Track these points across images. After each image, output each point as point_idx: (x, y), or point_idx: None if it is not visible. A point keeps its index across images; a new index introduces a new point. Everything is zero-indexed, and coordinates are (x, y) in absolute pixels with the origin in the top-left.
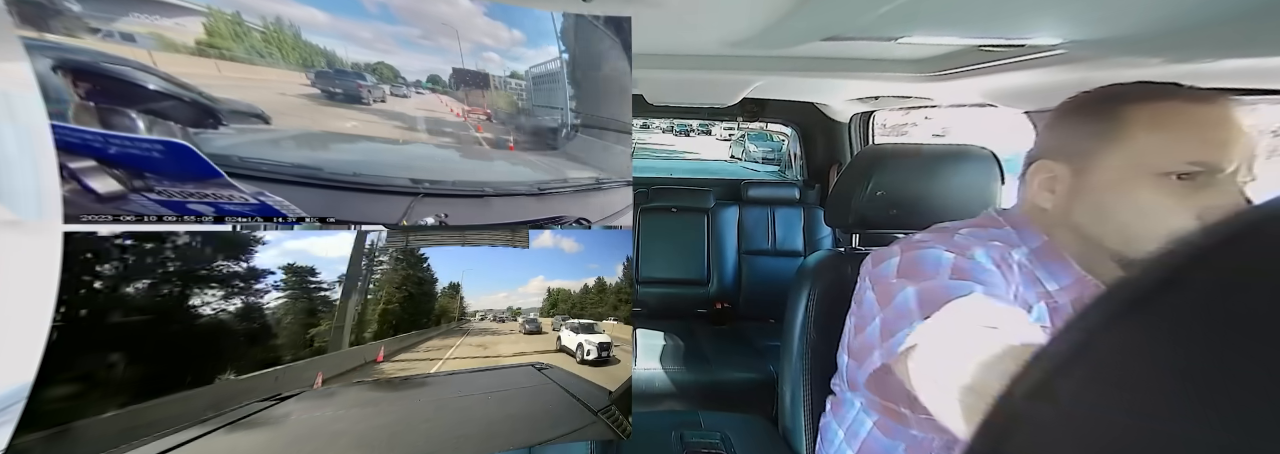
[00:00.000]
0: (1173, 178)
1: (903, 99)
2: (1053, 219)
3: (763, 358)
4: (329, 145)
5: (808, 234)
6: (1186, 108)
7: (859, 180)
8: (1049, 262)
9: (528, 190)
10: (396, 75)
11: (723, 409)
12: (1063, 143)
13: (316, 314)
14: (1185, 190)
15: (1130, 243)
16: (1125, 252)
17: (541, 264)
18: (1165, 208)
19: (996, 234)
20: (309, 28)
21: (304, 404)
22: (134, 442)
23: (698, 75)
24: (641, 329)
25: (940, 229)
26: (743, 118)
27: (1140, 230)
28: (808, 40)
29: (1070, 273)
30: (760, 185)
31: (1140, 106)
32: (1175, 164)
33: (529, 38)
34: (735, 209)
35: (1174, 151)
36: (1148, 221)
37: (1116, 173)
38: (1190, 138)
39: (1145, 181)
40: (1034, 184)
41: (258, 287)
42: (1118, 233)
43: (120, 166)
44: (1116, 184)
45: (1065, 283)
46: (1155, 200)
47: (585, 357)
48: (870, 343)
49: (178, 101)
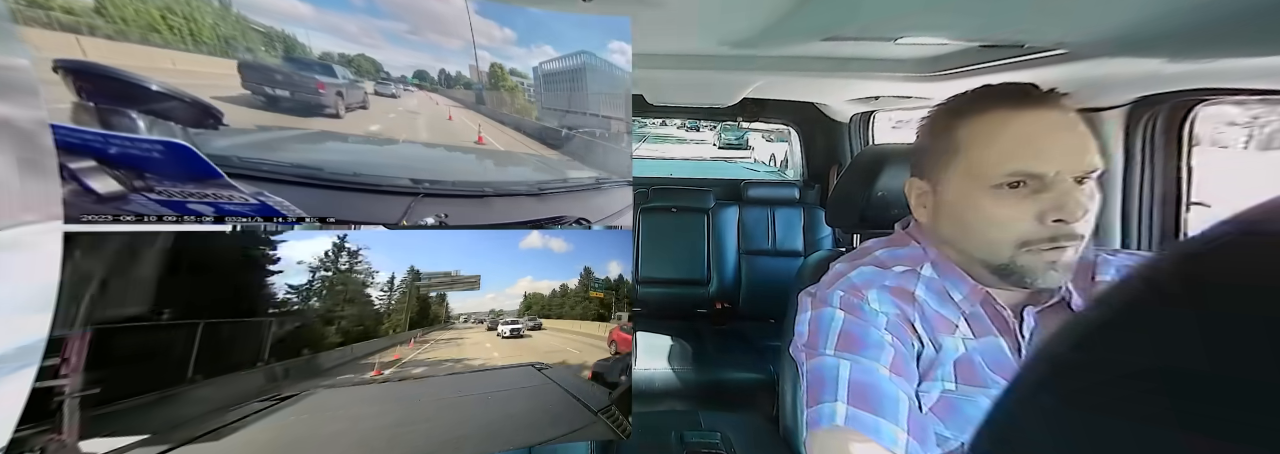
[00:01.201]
0: (1004, 187)
1: (903, 99)
2: (930, 233)
3: (763, 358)
4: (326, 144)
5: (808, 234)
6: (1004, 117)
7: (860, 180)
8: (947, 273)
9: (528, 190)
10: (378, 69)
11: (723, 409)
12: (922, 161)
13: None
14: (1018, 198)
15: (990, 251)
16: (989, 259)
17: (531, 265)
18: (1006, 216)
19: (904, 254)
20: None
21: (304, 404)
22: (134, 441)
23: (698, 75)
24: (642, 329)
25: (859, 254)
26: (743, 118)
27: (993, 238)
28: (808, 40)
29: (965, 281)
30: (760, 185)
31: (968, 122)
32: (1000, 175)
33: (521, 36)
34: (735, 209)
35: (997, 164)
36: (996, 230)
37: (959, 187)
38: (1007, 150)
39: (983, 193)
40: (912, 200)
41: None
42: (976, 242)
43: (120, 167)
44: (963, 198)
45: (964, 292)
46: (996, 210)
47: (502, 335)
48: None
49: (179, 102)
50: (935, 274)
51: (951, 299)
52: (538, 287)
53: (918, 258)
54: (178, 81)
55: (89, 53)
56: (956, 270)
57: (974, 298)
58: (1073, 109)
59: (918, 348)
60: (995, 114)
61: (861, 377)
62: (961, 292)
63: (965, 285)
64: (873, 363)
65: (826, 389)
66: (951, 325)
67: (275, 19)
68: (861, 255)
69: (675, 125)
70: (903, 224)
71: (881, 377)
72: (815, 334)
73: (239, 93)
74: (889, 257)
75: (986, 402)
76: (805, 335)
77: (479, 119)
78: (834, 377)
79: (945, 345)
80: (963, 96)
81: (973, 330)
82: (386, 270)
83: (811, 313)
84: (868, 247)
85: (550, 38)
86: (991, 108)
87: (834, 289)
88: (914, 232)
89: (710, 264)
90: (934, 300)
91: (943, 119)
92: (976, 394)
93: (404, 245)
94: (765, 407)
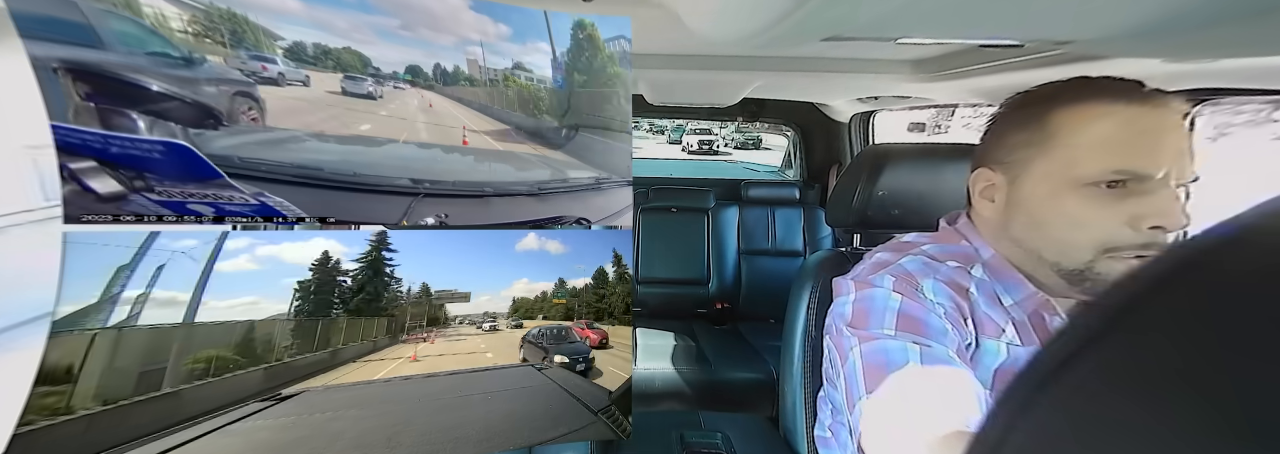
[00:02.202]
0: (1101, 186)
1: (903, 99)
2: (995, 229)
3: (763, 358)
4: (325, 144)
5: (808, 234)
6: (1112, 110)
7: (860, 180)
8: (1002, 276)
9: (528, 190)
10: (366, 65)
11: (723, 409)
12: (997, 150)
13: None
14: (1114, 198)
15: (1066, 253)
16: (1062, 262)
17: (526, 267)
18: (1096, 217)
19: (956, 250)
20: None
21: (304, 404)
22: (134, 441)
23: (698, 75)
24: (641, 329)
25: (903, 246)
26: (743, 118)
27: (1073, 241)
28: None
29: (1022, 287)
30: (760, 185)
31: (1065, 111)
32: (1101, 173)
33: (516, 32)
34: (735, 209)
35: (1098, 160)
36: (1080, 231)
37: (1045, 182)
38: (1114, 145)
39: (1073, 191)
40: (975, 193)
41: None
42: (1052, 243)
43: (120, 167)
44: (1046, 194)
45: (1019, 297)
46: (1084, 211)
47: (483, 328)
48: (846, 395)
49: (179, 102)
50: (986, 276)
51: (1001, 304)
52: (533, 288)
53: (969, 257)
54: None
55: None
56: (1014, 274)
57: (1027, 306)
58: (1183, 111)
59: (971, 346)
60: (1101, 106)
61: (935, 361)
62: (1015, 297)
63: (1022, 291)
64: (944, 349)
65: (896, 368)
66: (998, 329)
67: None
68: (906, 248)
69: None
70: (949, 220)
71: (956, 362)
72: (866, 315)
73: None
74: (939, 252)
75: None
76: (851, 316)
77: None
78: (903, 359)
79: (988, 349)
80: (1059, 84)
81: (1020, 338)
82: (399, 272)
83: (856, 293)
84: (912, 240)
85: (550, 37)
86: (1096, 98)
87: (883, 274)
88: (964, 229)
89: (710, 264)
90: (984, 301)
91: (1033, 106)
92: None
93: (403, 246)
94: (765, 407)
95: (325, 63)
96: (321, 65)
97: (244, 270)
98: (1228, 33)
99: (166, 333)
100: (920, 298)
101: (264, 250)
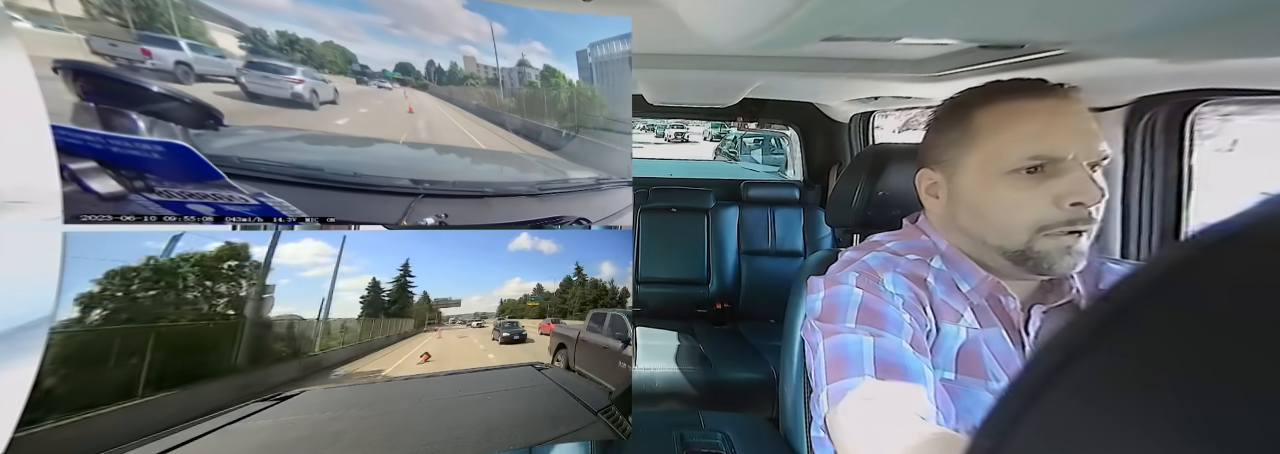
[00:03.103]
0: (1022, 172)
1: (902, 99)
2: (943, 222)
3: (763, 358)
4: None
5: (808, 234)
6: (1020, 106)
7: (860, 180)
8: (957, 265)
9: (528, 190)
10: (350, 62)
11: (723, 409)
12: (933, 150)
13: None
14: (1035, 181)
15: (1006, 236)
16: (1005, 244)
17: (518, 267)
18: (1023, 200)
19: (916, 245)
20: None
21: (304, 404)
22: (134, 441)
23: (698, 75)
24: (641, 329)
25: (870, 244)
26: (743, 118)
27: (1010, 223)
28: (808, 40)
29: (975, 273)
30: (760, 185)
31: (982, 111)
32: (1019, 160)
33: (511, 31)
34: (735, 209)
35: (1015, 149)
36: (1013, 215)
37: (977, 174)
38: (1025, 134)
39: (1001, 179)
40: (922, 192)
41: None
42: (993, 228)
43: (120, 167)
44: (979, 184)
45: (974, 283)
46: (1014, 195)
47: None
48: (814, 383)
49: (178, 103)
50: (944, 266)
51: (959, 290)
52: (524, 287)
53: (928, 250)
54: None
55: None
56: (967, 262)
57: (982, 290)
58: (1080, 101)
59: (930, 331)
60: (1012, 103)
61: (886, 352)
62: (970, 283)
63: (975, 277)
64: (896, 339)
65: (851, 365)
66: (956, 314)
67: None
68: (871, 246)
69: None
70: (912, 219)
71: (906, 352)
72: (832, 310)
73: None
74: (901, 247)
75: (984, 394)
76: (819, 311)
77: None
78: (858, 353)
79: (948, 332)
80: (974, 90)
81: (978, 321)
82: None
83: (825, 291)
84: (877, 239)
85: (550, 37)
86: (1007, 98)
87: (848, 270)
88: (923, 225)
89: (710, 264)
90: (942, 290)
91: (956, 110)
92: (975, 385)
93: (403, 246)
94: (765, 407)
95: (292, 55)
96: (289, 57)
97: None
98: (1228, 33)
99: (312, 324)
100: (880, 291)
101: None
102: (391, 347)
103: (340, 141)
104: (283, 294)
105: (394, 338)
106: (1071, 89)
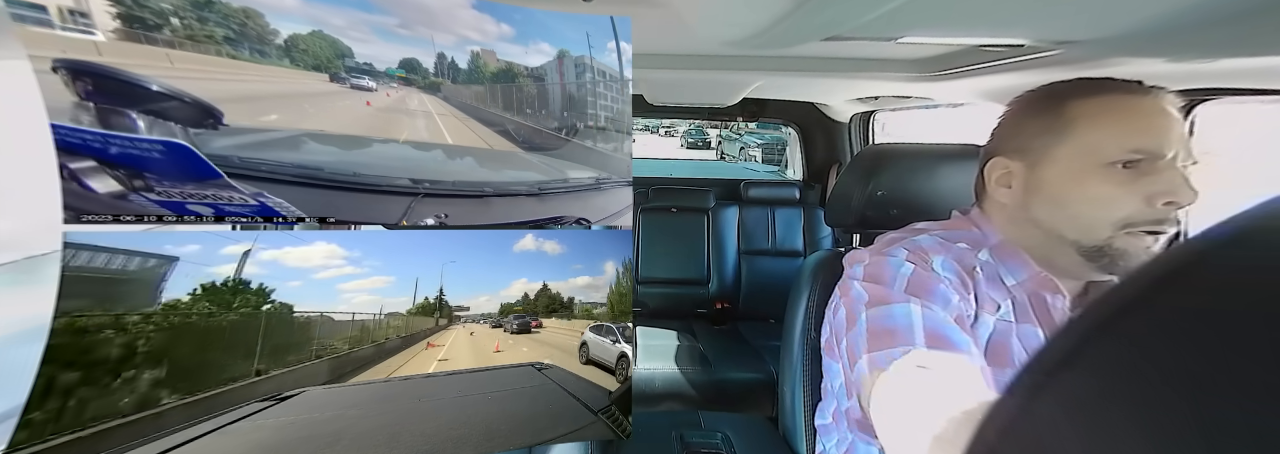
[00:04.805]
0: (1118, 166)
1: (903, 99)
2: (1011, 214)
3: (763, 358)
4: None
5: (808, 234)
6: (1123, 100)
7: (860, 180)
8: (1007, 258)
9: (528, 190)
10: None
11: (723, 409)
12: (1014, 140)
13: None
14: (1131, 177)
15: (1087, 231)
16: (1083, 239)
17: (525, 268)
18: (1115, 195)
19: (964, 235)
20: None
21: (304, 404)
22: (134, 441)
23: (698, 75)
24: (642, 329)
25: (914, 230)
26: (743, 118)
27: (1094, 218)
28: (808, 40)
29: (1026, 268)
30: (760, 185)
31: (1082, 102)
32: (1119, 153)
33: (519, 32)
34: (735, 209)
35: (1117, 141)
36: (1100, 209)
37: (1066, 165)
38: (1130, 128)
39: (1094, 171)
40: (991, 181)
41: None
42: (1074, 222)
43: (120, 167)
44: (1068, 175)
45: (1022, 278)
46: (1105, 188)
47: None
48: (848, 360)
49: (178, 102)
50: (990, 258)
51: (1002, 283)
52: (531, 287)
53: (977, 242)
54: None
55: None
56: (1020, 256)
57: (1029, 285)
58: (1178, 104)
59: (970, 317)
60: (1116, 97)
61: (936, 323)
62: (1018, 277)
63: (1025, 271)
64: (944, 313)
65: (900, 334)
66: (995, 305)
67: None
68: (916, 232)
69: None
70: (962, 210)
71: (953, 327)
72: (878, 278)
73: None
74: (949, 236)
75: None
76: (862, 275)
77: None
78: (908, 323)
79: (984, 321)
80: (1068, 82)
81: (1016, 315)
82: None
83: (871, 260)
84: (922, 226)
85: (550, 37)
86: (1106, 92)
87: (897, 245)
88: (976, 218)
89: (710, 264)
90: (985, 282)
91: (1047, 100)
92: (1000, 377)
93: (404, 247)
94: (765, 407)
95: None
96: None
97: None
98: (1228, 33)
99: (349, 323)
100: (930, 269)
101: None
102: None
103: (340, 141)
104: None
105: (419, 335)
106: (1168, 92)
